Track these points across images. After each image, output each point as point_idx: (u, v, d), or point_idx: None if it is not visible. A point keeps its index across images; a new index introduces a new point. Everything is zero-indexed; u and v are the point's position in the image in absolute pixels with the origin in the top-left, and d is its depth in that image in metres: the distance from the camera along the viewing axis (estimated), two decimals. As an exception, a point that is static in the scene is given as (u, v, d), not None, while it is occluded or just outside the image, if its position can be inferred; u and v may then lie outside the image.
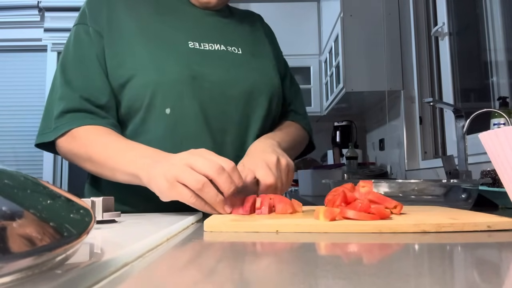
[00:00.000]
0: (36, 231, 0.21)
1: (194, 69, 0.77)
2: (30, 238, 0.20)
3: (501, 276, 0.26)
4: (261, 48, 0.91)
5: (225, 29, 0.87)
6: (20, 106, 3.04)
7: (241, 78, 0.81)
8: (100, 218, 0.48)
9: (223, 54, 0.82)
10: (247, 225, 0.44)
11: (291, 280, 0.23)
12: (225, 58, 0.81)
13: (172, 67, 0.76)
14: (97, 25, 0.79)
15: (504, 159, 0.43)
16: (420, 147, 2.02)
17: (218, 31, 0.85)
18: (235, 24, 0.90)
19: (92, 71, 0.77)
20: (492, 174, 0.99)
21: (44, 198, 0.26)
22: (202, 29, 0.83)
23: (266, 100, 0.83)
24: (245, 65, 0.83)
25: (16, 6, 3.02)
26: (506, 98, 1.36)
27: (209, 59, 0.79)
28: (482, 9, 1.63)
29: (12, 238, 0.19)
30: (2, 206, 0.21)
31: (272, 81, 0.86)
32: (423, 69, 2.04)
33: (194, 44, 0.80)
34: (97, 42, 0.78)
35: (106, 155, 0.69)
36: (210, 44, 0.81)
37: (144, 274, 0.25)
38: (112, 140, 0.71)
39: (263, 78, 0.84)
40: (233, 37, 0.86)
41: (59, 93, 0.76)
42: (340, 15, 2.20)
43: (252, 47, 0.88)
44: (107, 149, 0.70)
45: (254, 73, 0.83)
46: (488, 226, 0.42)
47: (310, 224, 0.43)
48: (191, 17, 0.84)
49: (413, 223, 0.42)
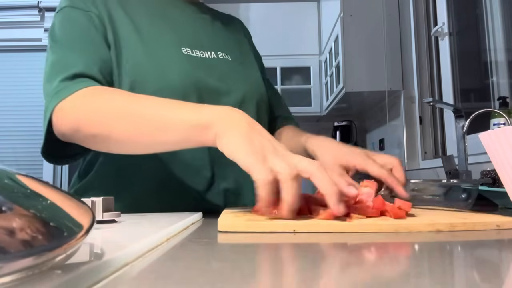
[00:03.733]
0: (36, 231, 0.21)
1: (196, 76, 0.74)
2: (30, 238, 0.20)
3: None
4: (246, 55, 0.91)
5: (214, 34, 0.85)
6: (20, 106, 3.04)
7: (233, 87, 0.80)
8: (100, 218, 0.48)
9: (214, 62, 0.80)
10: (262, 225, 0.44)
11: (292, 276, 0.23)
12: (217, 66, 0.80)
13: (172, 76, 0.72)
14: (97, 10, 0.71)
15: (504, 159, 0.43)
16: (420, 147, 2.02)
17: (207, 37, 0.83)
18: (221, 29, 0.89)
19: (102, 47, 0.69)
20: (492, 174, 0.99)
21: (44, 198, 0.26)
22: (192, 34, 0.80)
23: (254, 108, 0.82)
24: (236, 74, 0.83)
25: (16, 6, 3.02)
26: (506, 98, 1.36)
27: (202, 67, 0.77)
28: (482, 9, 1.63)
29: (12, 238, 0.19)
30: (2, 206, 0.21)
31: (260, 90, 0.86)
32: (423, 69, 2.04)
33: (187, 51, 0.76)
34: (101, 27, 0.70)
35: (151, 110, 0.55)
36: (201, 52, 0.79)
37: (144, 274, 0.26)
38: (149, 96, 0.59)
39: (252, 87, 0.84)
40: (222, 43, 0.85)
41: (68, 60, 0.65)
42: (340, 15, 2.20)
43: (239, 54, 0.88)
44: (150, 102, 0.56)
45: (244, 83, 0.83)
46: (497, 225, 0.44)
47: (327, 224, 0.44)
48: (179, 19, 0.81)
49: (428, 223, 0.43)
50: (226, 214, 0.53)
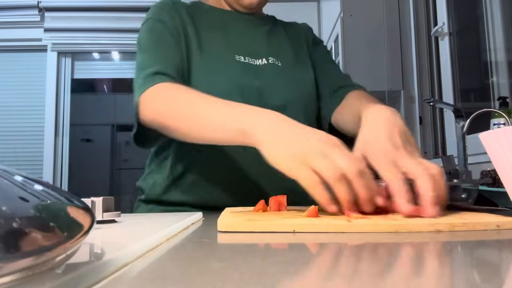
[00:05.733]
0: (36, 231, 0.21)
1: (240, 81, 0.82)
2: (30, 238, 0.20)
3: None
4: (301, 59, 0.95)
5: (269, 42, 0.92)
6: (20, 106, 3.04)
7: (278, 89, 0.86)
8: (100, 218, 0.48)
9: (264, 67, 0.87)
10: (262, 225, 0.44)
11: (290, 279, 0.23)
12: (265, 71, 0.87)
13: (222, 80, 0.81)
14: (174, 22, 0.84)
15: (504, 159, 0.43)
16: (420, 147, 2.02)
17: (261, 45, 0.91)
18: (278, 36, 0.96)
19: (177, 52, 0.81)
20: (492, 174, 0.99)
21: (44, 198, 0.26)
22: (247, 43, 0.89)
23: (302, 108, 0.87)
24: (283, 77, 0.89)
25: (16, 6, 3.02)
26: (506, 98, 1.36)
27: (250, 72, 0.85)
28: (482, 9, 1.63)
29: (12, 238, 0.19)
30: (2, 206, 0.21)
31: (307, 93, 0.91)
32: (423, 69, 2.04)
33: (240, 58, 0.86)
34: (176, 35, 0.82)
35: (208, 111, 0.64)
36: (253, 59, 0.87)
37: (144, 274, 0.25)
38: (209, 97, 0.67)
39: (299, 89, 0.89)
40: (275, 50, 0.92)
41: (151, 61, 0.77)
42: (340, 15, 2.20)
43: (293, 58, 0.93)
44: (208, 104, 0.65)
45: (291, 85, 0.88)
46: (497, 225, 0.44)
47: (327, 224, 0.44)
48: (238, 31, 0.90)
49: (428, 223, 0.43)
50: (226, 214, 0.53)
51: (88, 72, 3.33)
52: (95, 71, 3.38)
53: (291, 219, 0.47)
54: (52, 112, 2.95)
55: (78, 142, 4.74)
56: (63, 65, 3.09)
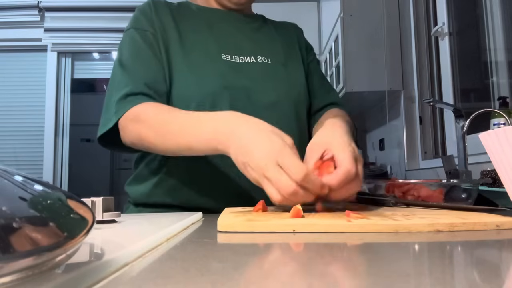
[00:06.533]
0: (36, 231, 0.21)
1: (227, 79, 0.81)
2: (30, 238, 0.20)
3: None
4: (292, 58, 0.95)
5: (257, 40, 0.92)
6: (20, 106, 3.04)
7: (267, 87, 0.85)
8: (100, 218, 0.48)
9: (252, 65, 0.86)
10: (262, 225, 0.44)
11: (293, 279, 0.23)
12: (254, 69, 0.86)
13: (208, 80, 0.80)
14: (153, 29, 0.83)
15: (504, 159, 0.43)
16: (420, 147, 2.02)
17: (250, 43, 0.89)
18: (267, 34, 0.95)
19: (152, 63, 0.80)
20: (492, 174, 0.99)
21: (44, 198, 0.26)
22: (234, 42, 0.88)
23: (292, 105, 0.87)
24: (272, 75, 0.88)
25: (16, 6, 3.02)
26: (506, 98, 1.36)
27: (238, 70, 0.84)
28: (482, 9, 1.63)
29: (12, 238, 0.19)
30: (2, 206, 0.21)
31: (299, 89, 0.91)
32: (423, 69, 2.04)
33: (227, 57, 0.84)
34: (155, 43, 0.82)
35: (182, 124, 0.68)
36: (241, 57, 0.86)
37: (144, 274, 0.25)
38: (183, 112, 0.71)
39: (290, 87, 0.89)
40: (264, 48, 0.90)
41: (122, 82, 0.77)
42: (340, 15, 2.20)
43: (283, 57, 0.92)
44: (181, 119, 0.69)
45: (281, 83, 0.87)
46: (497, 225, 0.44)
47: (327, 224, 0.44)
48: (224, 30, 0.89)
49: (428, 223, 0.43)
50: (226, 214, 0.53)
51: (88, 72, 3.33)
52: (95, 71, 3.38)
53: (291, 219, 0.47)
54: (52, 112, 2.95)
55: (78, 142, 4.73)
56: (63, 65, 3.09)
